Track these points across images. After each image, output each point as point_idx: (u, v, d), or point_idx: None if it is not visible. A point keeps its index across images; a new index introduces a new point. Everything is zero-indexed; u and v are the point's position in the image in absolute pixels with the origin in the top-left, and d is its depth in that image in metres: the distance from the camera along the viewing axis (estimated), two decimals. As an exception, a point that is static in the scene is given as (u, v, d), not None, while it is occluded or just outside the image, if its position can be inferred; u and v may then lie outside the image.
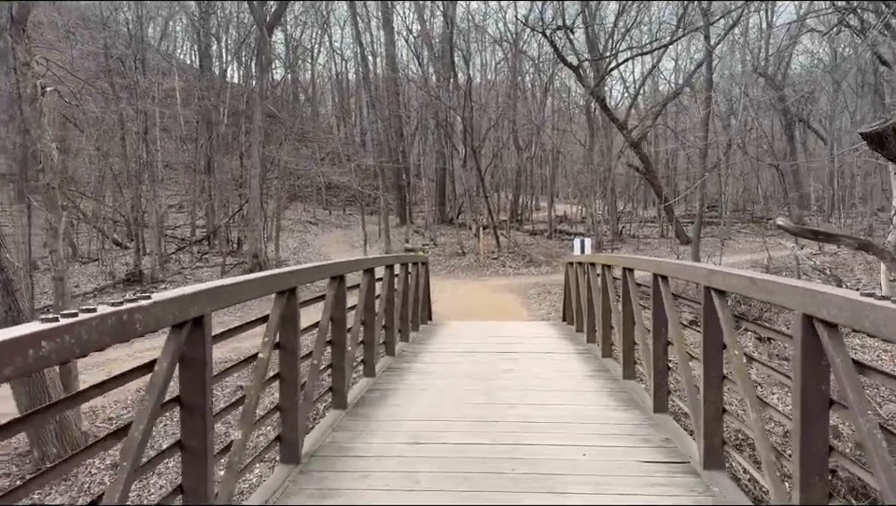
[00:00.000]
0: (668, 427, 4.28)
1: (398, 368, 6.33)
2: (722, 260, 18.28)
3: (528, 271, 22.20)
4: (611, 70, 27.68)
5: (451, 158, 31.91)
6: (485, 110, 31.62)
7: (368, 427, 4.35)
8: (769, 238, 29.09)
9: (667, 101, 28.47)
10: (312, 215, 37.00)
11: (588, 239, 12.79)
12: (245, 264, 20.76)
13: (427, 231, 29.43)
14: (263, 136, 20.53)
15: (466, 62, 29.68)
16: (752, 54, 28.43)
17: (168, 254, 23.11)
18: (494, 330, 9.36)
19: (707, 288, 3.44)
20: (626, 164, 29.59)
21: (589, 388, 5.44)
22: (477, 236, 25.47)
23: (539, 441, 4.00)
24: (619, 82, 47.82)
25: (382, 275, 6.82)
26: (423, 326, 9.71)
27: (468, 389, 5.38)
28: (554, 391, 5.33)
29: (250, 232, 20.33)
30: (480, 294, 17.44)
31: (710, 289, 3.41)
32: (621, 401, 4.96)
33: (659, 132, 32.65)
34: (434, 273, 22.07)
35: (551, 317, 13.23)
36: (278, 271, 3.67)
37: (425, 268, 10.19)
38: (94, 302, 15.00)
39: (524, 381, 5.70)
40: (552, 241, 28.18)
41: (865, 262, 21.17)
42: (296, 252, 26.84)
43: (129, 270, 20.68)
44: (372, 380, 5.72)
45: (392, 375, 5.99)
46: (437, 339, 8.45)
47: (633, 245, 26.97)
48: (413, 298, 8.85)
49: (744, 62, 29.07)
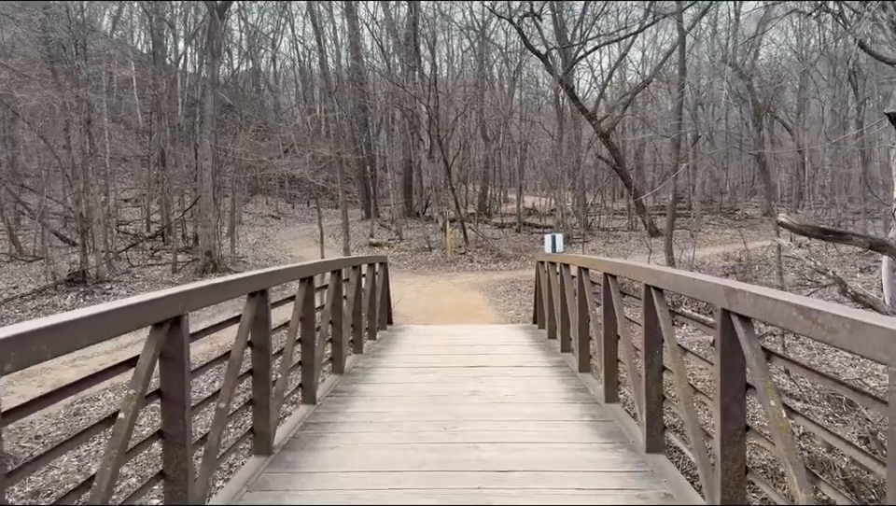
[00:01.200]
0: (667, 473, 3.49)
1: (344, 390, 5.44)
2: (696, 254, 17.72)
3: (497, 266, 21.43)
4: (580, 59, 27.01)
5: (417, 149, 31.01)
6: (452, 101, 30.73)
7: (292, 483, 3.46)
8: (738, 229, 28.90)
9: (637, 90, 27.91)
10: (274, 208, 35.83)
11: (560, 235, 12.02)
12: (199, 262, 19.61)
13: (394, 224, 28.51)
14: (215, 126, 19.35)
15: (431, 50, 28.77)
16: (720, 44, 28.03)
17: (119, 251, 21.82)
18: (459, 337, 8.50)
19: (726, 312, 2.65)
20: (596, 156, 29.00)
21: (567, 417, 4.62)
22: (444, 230, 24.62)
23: (511, 501, 3.18)
24: (587, 73, 47.40)
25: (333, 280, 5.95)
26: (382, 332, 8.83)
27: (425, 421, 4.52)
28: (528, 421, 4.50)
29: (202, 228, 19.18)
30: (446, 292, 16.60)
31: (729, 313, 2.62)
32: (606, 437, 4.14)
33: (627, 123, 32.12)
34: (399, 269, 21.21)
35: (520, 319, 12.45)
36: (164, 292, 2.78)
37: (383, 269, 9.29)
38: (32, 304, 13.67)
39: (492, 407, 4.86)
40: (520, 234, 27.49)
41: (838, 255, 20.88)
42: (255, 247, 25.73)
43: (73, 269, 19.36)
44: (311, 409, 4.82)
45: (336, 401, 5.10)
46: (395, 348, 7.59)
47: (602, 238, 26.41)
48: (370, 303, 7.98)
49: (713, 52, 28.67)
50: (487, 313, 13.88)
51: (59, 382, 9.58)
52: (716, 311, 2.76)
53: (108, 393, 9.13)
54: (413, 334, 8.85)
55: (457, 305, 14.61)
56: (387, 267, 9.77)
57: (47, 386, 9.60)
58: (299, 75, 41.36)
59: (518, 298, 15.17)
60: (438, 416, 4.61)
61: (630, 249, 22.91)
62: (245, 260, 22.19)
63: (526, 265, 21.14)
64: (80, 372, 9.50)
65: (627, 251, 22.38)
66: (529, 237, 26.69)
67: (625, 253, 21.69)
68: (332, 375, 6.01)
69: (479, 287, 17.18)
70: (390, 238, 26.86)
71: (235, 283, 3.61)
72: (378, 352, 7.29)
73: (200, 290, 3.00)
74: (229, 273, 19.57)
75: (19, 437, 8.61)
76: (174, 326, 2.72)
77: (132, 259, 21.26)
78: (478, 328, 10.28)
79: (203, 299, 3.09)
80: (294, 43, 40.89)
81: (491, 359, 6.74)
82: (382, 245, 25.20)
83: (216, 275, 19.21)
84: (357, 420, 4.58)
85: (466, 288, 17.22)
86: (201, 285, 3.08)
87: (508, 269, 20.80)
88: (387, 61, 31.64)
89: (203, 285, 3.11)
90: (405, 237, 26.44)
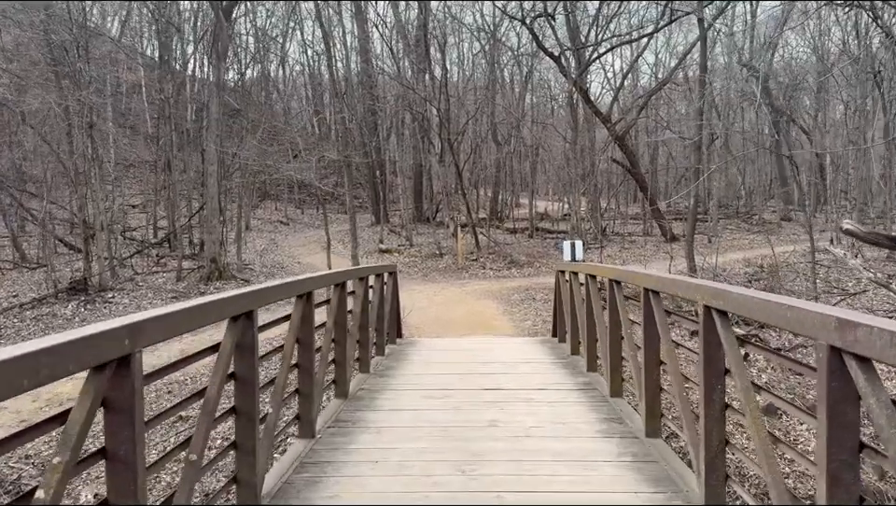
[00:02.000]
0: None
1: (348, 419, 4.83)
2: (717, 260, 17.00)
3: (510, 273, 20.78)
4: (594, 60, 26.36)
5: (428, 153, 30.44)
6: (463, 104, 30.15)
7: None
8: (765, 235, 28.08)
9: (654, 91, 27.25)
10: (283, 214, 35.31)
11: (579, 242, 11.37)
12: (204, 269, 19.09)
13: (404, 230, 27.92)
14: (221, 130, 18.84)
15: (442, 52, 28.20)
16: (736, 46, 27.33)
17: (124, 258, 21.34)
18: (474, 353, 7.87)
19: (835, 350, 2.03)
20: (611, 159, 28.31)
21: (603, 456, 3.99)
22: (455, 236, 23.99)
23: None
24: (599, 76, 46.81)
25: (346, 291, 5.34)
26: (391, 346, 8.23)
27: (439, 460, 3.90)
28: (558, 462, 3.87)
29: (207, 235, 18.66)
30: (458, 301, 15.96)
31: (841, 352, 2.00)
32: (654, 484, 3.50)
33: (640, 127, 31.41)
34: (410, 276, 20.59)
35: (538, 330, 11.80)
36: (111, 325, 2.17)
37: (392, 278, 8.68)
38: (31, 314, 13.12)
39: (513, 443, 4.23)
40: (533, 240, 26.82)
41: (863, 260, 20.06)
42: (263, 254, 25.20)
43: (74, 277, 18.88)
44: (310, 445, 4.20)
45: (338, 434, 4.49)
46: (405, 366, 6.98)
47: (618, 243, 25.70)
48: (377, 316, 7.38)
49: (729, 53, 27.98)
50: (502, 323, 13.23)
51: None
52: (818, 346, 2.14)
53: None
54: (424, 349, 8.24)
55: (470, 315, 13.96)
56: (397, 277, 9.17)
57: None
58: (308, 79, 40.95)
59: (534, 307, 14.52)
60: (453, 455, 3.99)
61: (647, 255, 22.19)
62: (252, 268, 21.66)
63: (540, 272, 20.48)
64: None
65: (645, 257, 21.66)
66: (542, 242, 26.02)
67: (643, 259, 20.98)
68: (335, 400, 5.40)
69: (492, 295, 16.54)
70: (400, 244, 26.27)
71: (211, 306, 2.89)
72: (386, 371, 6.68)
73: (154, 321, 2.32)
74: (234, 280, 19.02)
75: (9, 456, 8.10)
76: (119, 367, 2.12)
77: (137, 266, 20.76)
78: (494, 342, 9.64)
79: (159, 331, 2.39)
80: (304, 47, 40.48)
81: (510, 380, 6.12)
82: (392, 252, 24.61)
83: (221, 283, 18.66)
84: (362, 459, 3.96)
85: (479, 296, 16.59)
86: (155, 314, 2.36)
87: (521, 276, 20.14)
88: (397, 64, 31.12)
89: (159, 314, 2.39)
90: (415, 243, 25.84)
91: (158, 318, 2.35)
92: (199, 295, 17.65)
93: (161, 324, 2.39)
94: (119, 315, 16.43)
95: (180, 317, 2.55)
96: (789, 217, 32.74)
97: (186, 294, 17.47)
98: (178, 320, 2.54)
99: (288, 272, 21.69)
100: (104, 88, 24.37)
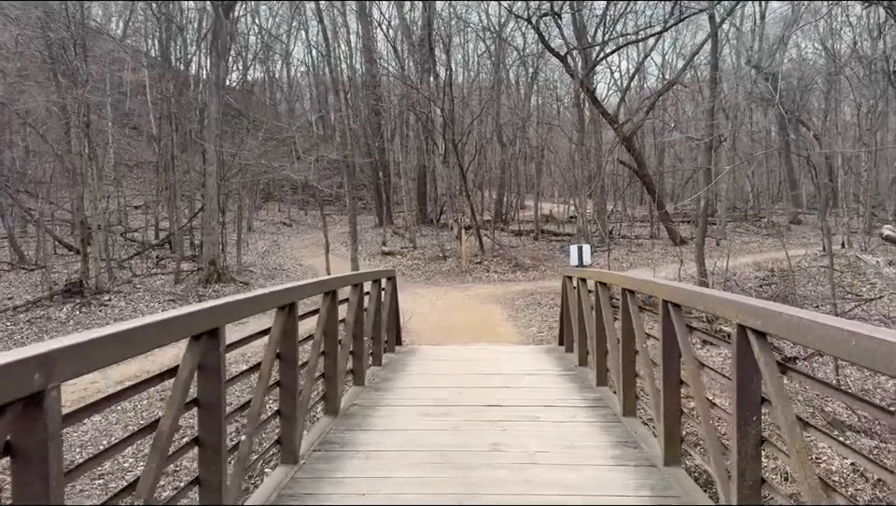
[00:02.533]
0: None
1: (336, 441, 4.41)
2: (729, 264, 16.53)
3: (514, 277, 20.34)
4: (601, 60, 25.93)
5: (432, 155, 30.05)
6: (467, 104, 29.73)
7: None
8: (766, 238, 27.60)
9: (662, 92, 26.78)
10: (286, 215, 34.95)
11: (586, 246, 10.94)
12: (203, 272, 18.72)
13: (407, 232, 27.52)
14: (220, 130, 18.48)
15: (446, 53, 27.78)
16: (745, 46, 26.83)
17: (123, 260, 20.99)
18: (476, 364, 7.45)
19: None
20: (617, 161, 27.86)
21: (619, 489, 3.55)
22: (459, 238, 23.57)
23: None
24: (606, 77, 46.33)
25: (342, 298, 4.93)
26: (389, 355, 7.83)
27: (435, 493, 3.49)
28: (565, 495, 3.45)
29: (206, 237, 18.30)
30: (461, 306, 15.53)
31: None
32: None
33: (647, 128, 30.94)
34: (412, 279, 20.19)
35: (543, 337, 11.37)
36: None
37: (391, 284, 8.27)
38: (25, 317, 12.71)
39: (519, 471, 3.82)
40: (538, 242, 26.39)
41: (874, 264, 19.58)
42: (264, 256, 24.85)
43: (71, 279, 18.53)
44: (290, 475, 3.78)
45: (323, 459, 4.07)
46: (402, 378, 6.56)
47: (625, 246, 25.24)
48: (374, 324, 6.98)
49: (737, 53, 27.50)
50: (506, 330, 12.79)
51: None
52: None
53: None
54: (423, 359, 7.82)
55: (473, 321, 13.53)
56: (395, 282, 8.75)
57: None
58: (312, 80, 40.63)
59: (539, 313, 14.08)
60: (451, 486, 3.57)
61: (655, 259, 21.73)
62: (252, 270, 21.30)
63: (546, 275, 20.05)
64: None
65: (653, 261, 21.21)
66: (548, 245, 25.58)
67: (651, 263, 20.53)
68: (325, 417, 4.99)
69: (496, 299, 16.11)
70: (403, 246, 25.87)
71: (160, 326, 2.41)
72: (382, 383, 6.27)
73: (74, 350, 1.83)
74: (233, 283, 18.64)
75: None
76: (28, 408, 1.70)
77: (136, 268, 20.40)
78: (497, 350, 9.21)
79: (83, 362, 1.89)
80: (308, 48, 40.14)
81: (514, 395, 5.70)
82: (395, 254, 24.21)
83: (220, 285, 18.29)
84: (348, 491, 3.54)
85: (482, 300, 16.16)
86: (76, 341, 1.86)
87: (526, 279, 19.71)
88: (401, 64, 30.73)
89: (81, 341, 1.88)
90: (419, 245, 25.43)
91: (78, 347, 1.87)
92: (197, 298, 17.26)
93: (84, 353, 1.89)
94: (116, 318, 16.05)
95: (113, 343, 2.03)
96: (797, 220, 32.24)
97: (183, 297, 17.10)
98: (109, 347, 2.01)
99: (289, 274, 21.33)
100: (102, 86, 24.08)
